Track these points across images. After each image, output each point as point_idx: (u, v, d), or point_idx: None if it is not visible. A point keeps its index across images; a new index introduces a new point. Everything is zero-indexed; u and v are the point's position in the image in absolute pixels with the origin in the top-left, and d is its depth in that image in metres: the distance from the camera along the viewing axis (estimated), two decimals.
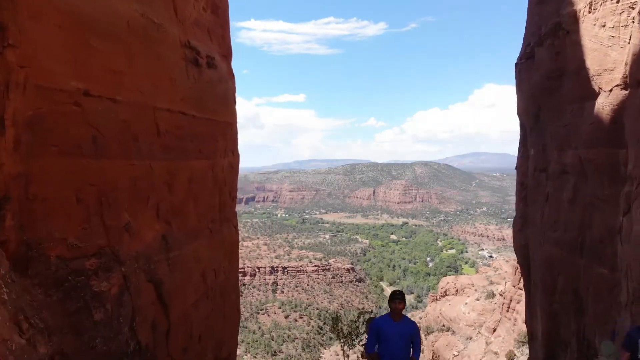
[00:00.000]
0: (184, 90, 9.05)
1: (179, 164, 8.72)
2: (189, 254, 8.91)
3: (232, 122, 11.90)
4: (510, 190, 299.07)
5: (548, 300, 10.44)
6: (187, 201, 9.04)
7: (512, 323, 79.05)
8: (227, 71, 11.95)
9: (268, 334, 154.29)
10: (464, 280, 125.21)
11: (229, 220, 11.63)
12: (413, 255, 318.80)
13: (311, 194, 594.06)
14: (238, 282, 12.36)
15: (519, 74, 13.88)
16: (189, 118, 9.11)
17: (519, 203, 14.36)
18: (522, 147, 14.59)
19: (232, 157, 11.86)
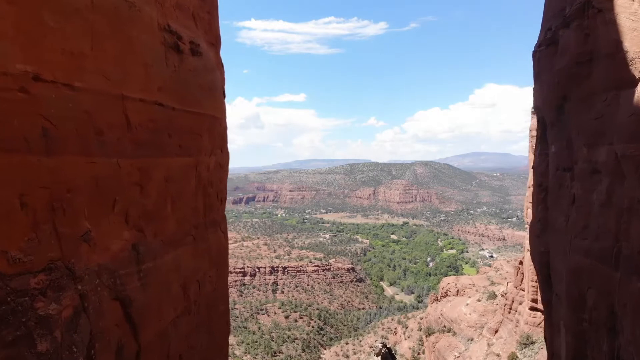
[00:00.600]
0: (162, 78, 7.95)
1: (154, 161, 7.60)
2: (166, 264, 7.81)
3: (220, 116, 10.79)
4: (511, 190, 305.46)
5: (575, 317, 9.31)
6: (164, 204, 7.93)
7: (514, 324, 78.10)
8: (215, 60, 10.84)
9: (268, 335, 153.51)
10: (465, 281, 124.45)
11: (216, 225, 10.52)
12: (413, 255, 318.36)
13: (311, 194, 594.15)
14: (227, 292, 11.31)
15: (538, 63, 12.70)
16: (167, 110, 8.01)
17: (537, 206, 13.10)
18: (540, 144, 13.36)
19: (220, 155, 10.75)
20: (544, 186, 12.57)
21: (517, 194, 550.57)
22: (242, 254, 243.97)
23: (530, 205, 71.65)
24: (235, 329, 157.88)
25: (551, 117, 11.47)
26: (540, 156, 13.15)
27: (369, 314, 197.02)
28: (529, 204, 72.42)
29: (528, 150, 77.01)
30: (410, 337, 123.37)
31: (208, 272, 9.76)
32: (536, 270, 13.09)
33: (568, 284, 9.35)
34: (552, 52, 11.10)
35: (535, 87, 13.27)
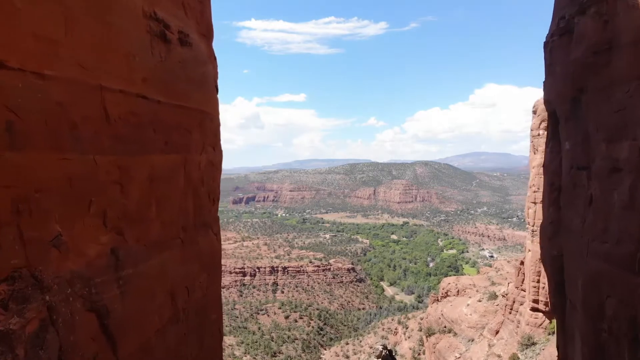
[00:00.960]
0: (147, 69, 7.35)
1: (136, 159, 6.99)
2: (150, 270, 7.21)
3: (211, 112, 10.17)
4: (511, 189, 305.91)
5: (593, 327, 8.69)
6: (148, 205, 7.32)
7: (515, 325, 77.62)
8: (207, 53, 10.22)
9: (268, 335, 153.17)
10: (465, 281, 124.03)
11: (207, 227, 9.89)
12: (414, 255, 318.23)
13: (311, 194, 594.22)
14: (220, 298, 10.72)
15: (550, 54, 12.02)
16: (152, 103, 7.40)
17: (549, 207, 12.40)
18: (552, 141, 12.65)
19: (212, 153, 10.14)
20: (556, 185, 11.87)
21: (518, 194, 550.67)
22: (242, 254, 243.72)
23: (531, 205, 71.32)
24: (235, 329, 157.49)
25: (565, 111, 10.80)
26: (552, 154, 12.45)
27: (369, 314, 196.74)
28: (530, 204, 72.09)
29: (529, 150, 76.57)
30: (411, 338, 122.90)
31: (198, 278, 9.14)
32: (547, 275, 12.41)
33: (585, 291, 8.73)
34: (566, 41, 10.47)
35: (547, 79, 12.59)
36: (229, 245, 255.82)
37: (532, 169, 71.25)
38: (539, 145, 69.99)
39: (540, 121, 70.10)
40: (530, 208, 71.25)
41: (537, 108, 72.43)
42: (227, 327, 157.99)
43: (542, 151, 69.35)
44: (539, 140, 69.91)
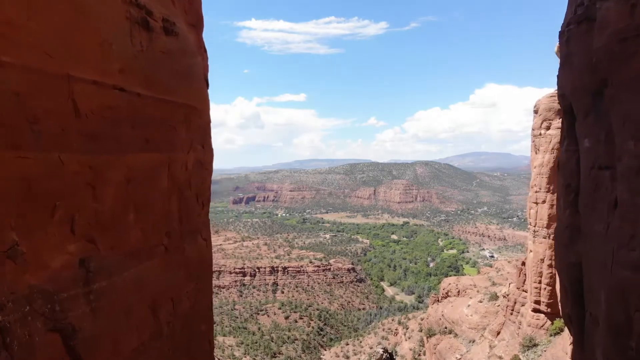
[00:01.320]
0: (125, 59, 6.62)
1: (111, 158, 6.24)
2: (127, 282, 6.48)
3: (200, 107, 9.40)
4: (511, 189, 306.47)
5: (617, 344, 7.96)
6: (125, 210, 6.58)
7: (517, 326, 76.98)
8: (196, 44, 9.48)
9: (268, 335, 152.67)
10: (466, 281, 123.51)
11: (195, 232, 9.12)
12: (414, 255, 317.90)
13: (312, 194, 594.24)
14: (210, 308, 9.99)
15: (566, 44, 11.22)
16: (130, 97, 6.67)
17: (565, 210, 11.58)
18: (567, 139, 11.82)
19: (201, 152, 9.38)
20: (573, 187, 11.06)
21: (518, 194, 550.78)
22: (242, 254, 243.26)
23: (533, 205, 70.61)
24: (235, 329, 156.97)
25: (584, 106, 10.01)
26: (568, 152, 11.62)
27: (369, 315, 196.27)
28: (532, 204, 71.40)
29: (530, 150, 75.92)
30: (411, 338, 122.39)
31: (185, 288, 8.40)
32: (563, 284, 11.59)
33: (609, 304, 8.01)
34: (586, 29, 9.72)
35: (563, 71, 11.78)
36: (229, 245, 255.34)
37: (534, 169, 70.59)
38: (540, 145, 69.35)
39: (542, 121, 69.43)
40: (532, 208, 70.60)
41: (538, 107, 71.76)
42: (226, 328, 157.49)
43: (544, 151, 68.75)
44: (541, 140, 69.25)
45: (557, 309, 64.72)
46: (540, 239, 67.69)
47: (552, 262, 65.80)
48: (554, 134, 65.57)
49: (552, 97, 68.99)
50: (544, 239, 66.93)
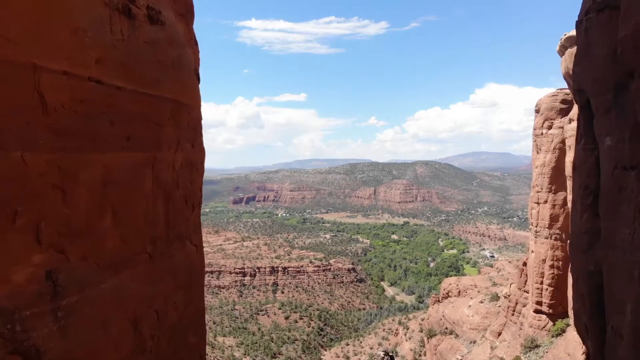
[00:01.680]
0: (103, 48, 5.98)
1: (84, 157, 5.57)
2: (103, 295, 5.82)
3: (189, 103, 8.71)
4: (512, 189, 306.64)
5: None
6: (101, 215, 5.91)
7: (518, 327, 76.34)
8: (185, 35, 8.80)
9: (268, 336, 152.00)
10: (467, 282, 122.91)
11: (184, 238, 8.42)
12: (414, 255, 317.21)
13: (312, 194, 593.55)
14: (202, 317, 9.31)
15: (585, 34, 10.46)
16: (109, 90, 6.02)
17: (582, 214, 10.78)
18: (585, 137, 11.03)
19: (190, 150, 8.69)
20: (591, 189, 10.30)
21: (518, 194, 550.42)
22: (242, 254, 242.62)
23: (534, 205, 70.01)
24: (234, 329, 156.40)
25: (606, 101, 9.27)
26: (585, 151, 10.82)
27: (370, 315, 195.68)
28: (533, 204, 70.78)
29: (531, 150, 75.27)
30: (412, 339, 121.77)
31: (172, 298, 7.74)
32: (579, 292, 10.82)
33: (635, 317, 7.36)
34: (608, 17, 9.03)
35: (581, 64, 11.00)
36: (229, 245, 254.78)
37: (535, 169, 69.96)
38: (542, 144, 68.70)
39: (544, 120, 68.78)
40: (533, 208, 69.96)
41: (539, 107, 71.12)
42: (226, 328, 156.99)
43: (546, 150, 68.13)
44: (542, 140, 68.61)
45: (559, 310, 64.12)
46: (542, 239, 67.10)
47: (553, 263, 65.22)
48: (556, 134, 64.94)
49: (554, 97, 68.39)
50: (546, 239, 66.33)
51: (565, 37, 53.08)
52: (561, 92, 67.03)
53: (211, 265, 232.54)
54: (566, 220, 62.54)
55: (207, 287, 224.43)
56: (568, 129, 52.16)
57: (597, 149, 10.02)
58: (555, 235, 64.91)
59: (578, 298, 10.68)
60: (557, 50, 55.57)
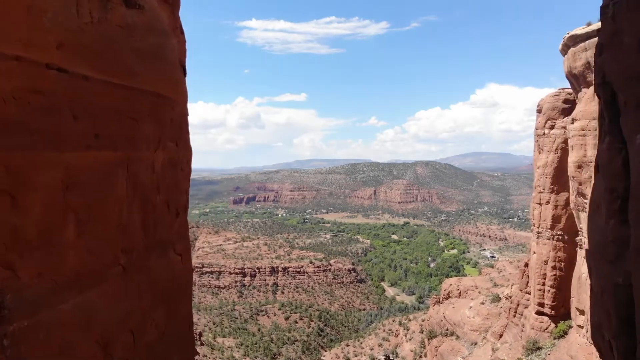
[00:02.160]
0: (66, 31, 5.17)
1: (41, 157, 4.73)
2: (64, 317, 4.97)
3: (173, 97, 7.85)
4: (512, 190, 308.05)
5: None
6: (61, 224, 5.07)
7: (520, 329, 75.64)
8: (169, 22, 7.97)
9: (268, 336, 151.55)
10: (467, 282, 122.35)
11: (165, 246, 7.56)
12: (414, 256, 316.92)
13: (312, 194, 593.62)
14: (189, 332, 8.46)
15: (612, 21, 9.60)
16: (73, 79, 5.21)
17: (608, 220, 9.91)
18: (609, 135, 10.13)
19: (174, 150, 7.83)
20: (618, 192, 9.43)
21: (519, 194, 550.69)
22: (242, 254, 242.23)
23: (536, 206, 69.33)
24: (234, 330, 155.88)
25: (636, 95, 8.46)
26: (611, 151, 9.94)
27: (370, 315, 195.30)
28: (535, 205, 70.05)
29: (533, 150, 74.55)
30: (412, 340, 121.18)
31: (151, 314, 6.89)
32: (604, 307, 9.96)
33: None
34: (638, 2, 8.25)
35: (606, 54, 10.12)
36: (229, 245, 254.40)
37: (537, 169, 69.26)
38: (544, 144, 68.00)
39: (546, 120, 68.08)
40: (535, 209, 69.28)
41: (541, 107, 70.40)
42: (226, 329, 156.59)
43: (548, 150, 67.41)
44: (544, 140, 67.91)
45: (561, 312, 63.46)
46: (544, 240, 66.46)
47: (556, 264, 64.57)
48: (558, 134, 64.28)
49: (556, 96, 67.71)
50: (548, 240, 65.69)
51: (568, 36, 52.37)
52: (563, 91, 66.37)
53: (211, 265, 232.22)
54: (568, 221, 61.88)
55: (207, 288, 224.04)
56: (571, 128, 51.43)
57: (625, 149, 9.18)
58: (558, 236, 64.29)
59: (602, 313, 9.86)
60: (560, 49, 54.89)
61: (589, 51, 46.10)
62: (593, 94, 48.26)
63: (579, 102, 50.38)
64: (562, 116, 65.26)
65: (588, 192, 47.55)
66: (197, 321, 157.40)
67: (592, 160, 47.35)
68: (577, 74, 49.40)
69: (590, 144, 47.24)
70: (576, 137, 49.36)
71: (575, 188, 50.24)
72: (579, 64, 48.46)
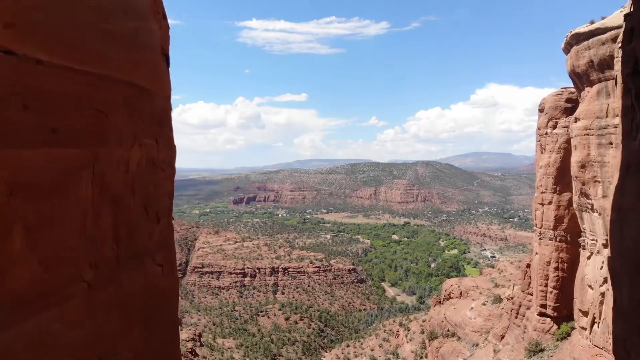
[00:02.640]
0: (15, 8, 4.30)
1: None
2: (12, 345, 4.10)
3: (153, 89, 6.91)
4: (512, 189, 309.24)
5: None
6: (5, 235, 4.29)
7: (522, 330, 74.82)
8: (149, 6, 6.97)
9: (268, 337, 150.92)
10: (468, 283, 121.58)
11: (143, 257, 6.59)
12: (415, 256, 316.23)
13: (312, 194, 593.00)
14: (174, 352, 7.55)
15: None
16: (24, 64, 4.35)
17: None
18: None
19: (153, 148, 6.87)
20: None
21: (519, 194, 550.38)
22: (242, 254, 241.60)
23: (538, 206, 68.62)
24: (234, 331, 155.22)
25: None
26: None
27: (370, 316, 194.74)
28: (537, 205, 69.25)
29: (535, 149, 73.68)
30: (413, 340, 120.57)
31: (125, 335, 5.95)
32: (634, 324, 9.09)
33: None
34: None
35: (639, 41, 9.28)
36: (229, 245, 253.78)
37: (540, 169, 68.42)
38: (546, 144, 67.19)
39: (548, 119, 67.27)
40: (537, 209, 68.46)
41: (544, 106, 69.57)
42: (226, 329, 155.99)
43: (550, 150, 66.69)
44: (547, 139, 67.10)
45: (564, 313, 62.67)
46: (546, 240, 65.70)
47: (558, 265, 63.78)
48: (561, 133, 63.50)
49: (558, 95, 66.91)
50: (551, 240, 64.93)
51: (571, 34, 51.54)
52: (566, 90, 65.61)
53: (211, 265, 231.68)
54: (571, 222, 61.11)
55: (206, 288, 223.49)
56: (574, 128, 50.64)
57: None
58: (560, 236, 63.56)
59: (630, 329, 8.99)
60: (562, 48, 54.05)
61: (592, 49, 45.34)
62: (597, 93, 47.52)
63: (582, 101, 49.59)
64: (564, 115, 64.56)
65: (592, 193, 46.76)
66: (197, 322, 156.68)
67: (595, 160, 46.61)
68: (580, 72, 48.61)
69: (593, 144, 46.44)
70: (579, 136, 48.58)
71: (578, 188, 49.48)
72: (582, 63, 47.66)
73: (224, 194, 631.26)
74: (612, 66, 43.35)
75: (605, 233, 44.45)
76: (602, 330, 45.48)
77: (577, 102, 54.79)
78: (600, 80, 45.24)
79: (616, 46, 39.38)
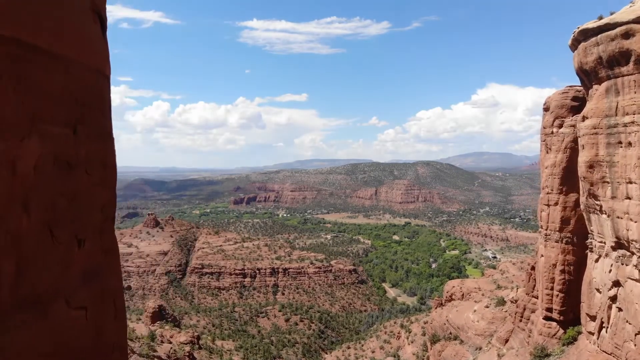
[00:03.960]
0: None
1: None
2: None
3: (71, 55, 4.66)
4: (513, 190, 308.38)
5: None
6: None
7: (527, 334, 72.88)
8: None
9: (268, 339, 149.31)
10: (470, 284, 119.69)
11: (48, 302, 4.17)
12: (416, 256, 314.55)
13: (313, 194, 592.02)
14: None
15: None
16: None
17: None
18: None
19: (67, 139, 4.34)
20: None
21: (520, 194, 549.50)
22: (243, 255, 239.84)
23: (544, 207, 66.67)
24: (234, 332, 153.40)
25: None
26: None
27: (371, 317, 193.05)
28: (543, 206, 67.29)
29: (540, 149, 71.85)
30: (414, 342, 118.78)
31: None
32: None
33: None
34: None
35: None
36: (229, 246, 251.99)
37: (545, 169, 66.58)
38: (552, 144, 65.35)
39: (554, 118, 65.39)
40: (543, 211, 66.65)
41: (549, 105, 67.69)
42: (226, 331, 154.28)
43: (556, 150, 64.67)
44: (552, 139, 65.25)
45: (570, 317, 60.83)
46: (552, 242, 63.91)
47: (564, 268, 61.97)
48: (567, 132, 61.67)
49: (564, 94, 65.00)
50: (557, 242, 63.14)
51: (578, 30, 49.64)
52: (572, 88, 63.77)
53: (211, 266, 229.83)
54: (578, 223, 59.27)
55: (206, 289, 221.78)
56: (581, 127, 48.74)
57: None
58: (567, 238, 61.78)
59: None
60: (569, 45, 52.14)
61: (601, 46, 43.48)
62: (605, 90, 45.72)
63: (590, 100, 47.71)
64: (571, 114, 62.71)
65: (600, 194, 44.98)
66: (197, 323, 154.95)
67: (604, 160, 44.85)
68: (588, 69, 46.70)
69: (602, 143, 44.58)
70: (587, 135, 46.69)
71: (586, 189, 47.64)
72: (591, 59, 45.73)
73: (224, 194, 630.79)
74: (622, 63, 41.50)
75: (614, 235, 42.77)
76: (610, 335, 43.81)
77: (584, 101, 52.93)
78: (609, 78, 43.38)
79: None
